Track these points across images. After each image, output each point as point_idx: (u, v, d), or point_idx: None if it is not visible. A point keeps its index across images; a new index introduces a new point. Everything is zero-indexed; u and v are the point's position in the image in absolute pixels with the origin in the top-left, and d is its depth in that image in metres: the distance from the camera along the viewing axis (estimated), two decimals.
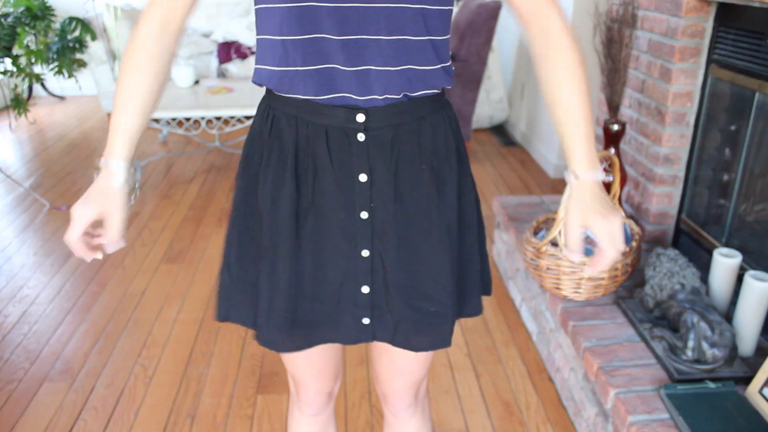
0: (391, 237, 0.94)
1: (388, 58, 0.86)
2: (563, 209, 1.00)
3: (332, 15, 0.83)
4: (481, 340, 2.19)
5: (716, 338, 1.50)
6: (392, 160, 0.91)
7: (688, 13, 1.96)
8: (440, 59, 0.91)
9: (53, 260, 2.76)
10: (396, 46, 0.85)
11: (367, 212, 0.92)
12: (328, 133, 0.89)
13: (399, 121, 0.90)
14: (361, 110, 0.88)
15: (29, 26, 4.44)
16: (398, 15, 0.84)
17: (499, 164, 3.87)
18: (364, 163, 0.90)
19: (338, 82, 0.87)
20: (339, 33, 0.84)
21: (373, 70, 0.86)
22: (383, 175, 0.91)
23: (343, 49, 0.84)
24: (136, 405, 1.90)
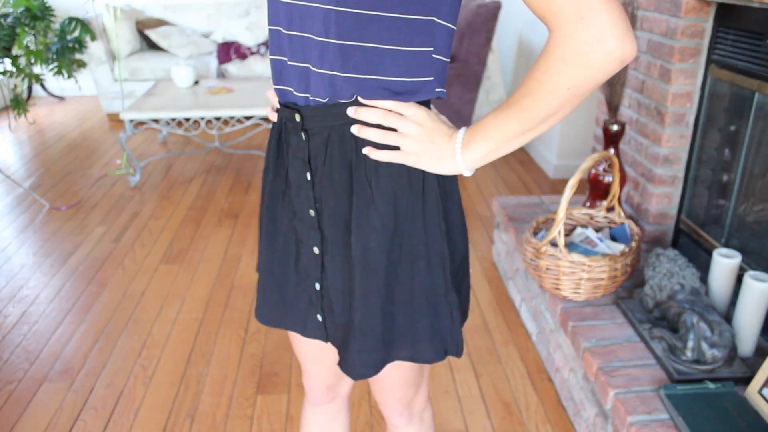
0: (335, 240, 0.92)
1: (323, 60, 0.83)
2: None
3: (284, 10, 0.85)
4: (480, 341, 2.19)
5: (716, 338, 1.50)
6: (327, 162, 0.89)
7: (687, 14, 1.96)
8: (383, 71, 0.83)
9: (53, 260, 2.76)
10: (316, 48, 0.83)
11: (314, 211, 0.93)
12: (287, 130, 0.93)
13: (331, 123, 0.87)
14: (299, 110, 0.89)
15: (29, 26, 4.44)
16: (332, 17, 0.79)
17: (499, 165, 3.87)
18: (305, 161, 0.92)
19: (284, 75, 0.90)
20: (287, 28, 0.86)
21: (312, 70, 0.85)
22: (323, 176, 0.90)
23: (289, 44, 0.87)
24: (135, 405, 1.90)
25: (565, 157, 3.60)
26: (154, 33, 4.97)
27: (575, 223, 2.13)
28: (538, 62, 0.78)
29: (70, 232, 3.04)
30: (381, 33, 0.80)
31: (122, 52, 4.84)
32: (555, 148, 3.61)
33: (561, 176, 3.63)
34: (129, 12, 4.98)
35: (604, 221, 2.10)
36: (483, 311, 2.36)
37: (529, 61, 4.07)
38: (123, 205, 3.33)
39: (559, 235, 1.75)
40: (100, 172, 3.83)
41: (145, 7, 5.19)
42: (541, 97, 0.78)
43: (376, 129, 0.85)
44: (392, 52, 0.82)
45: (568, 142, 3.56)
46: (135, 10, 5.09)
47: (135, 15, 5.06)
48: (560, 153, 3.59)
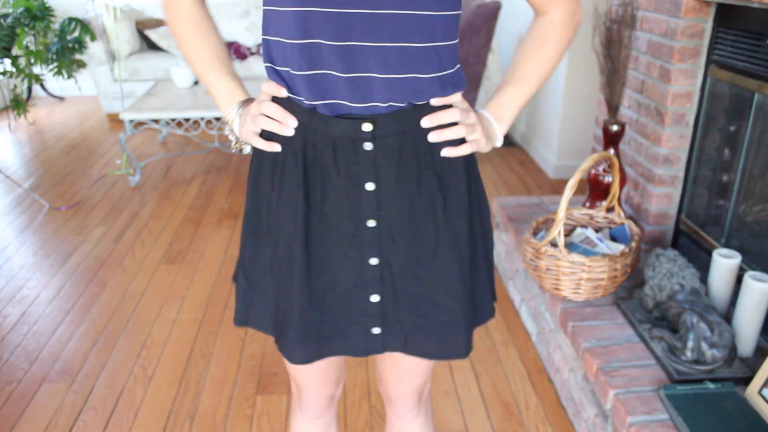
0: (399, 245, 0.93)
1: (392, 66, 0.85)
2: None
3: (332, 21, 0.82)
4: (480, 341, 2.19)
5: (716, 339, 1.50)
6: (399, 168, 0.90)
7: (687, 14, 1.96)
8: (445, 66, 0.90)
9: (53, 261, 2.76)
10: (399, 54, 0.85)
11: (374, 221, 0.92)
12: (336, 144, 0.89)
13: (404, 128, 0.89)
14: (367, 119, 0.87)
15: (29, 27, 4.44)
16: (403, 21, 0.82)
17: (499, 165, 3.87)
18: (371, 172, 0.90)
19: (332, 89, 0.87)
20: (336, 39, 0.83)
21: (376, 78, 0.86)
22: (390, 183, 0.90)
23: (338, 55, 0.84)
24: (135, 405, 1.90)
25: (564, 157, 3.60)
26: (154, 33, 4.97)
27: (575, 223, 2.13)
28: (542, 42, 0.97)
29: (70, 232, 3.04)
30: (444, 31, 0.87)
31: (122, 53, 4.84)
32: (555, 149, 3.61)
33: (561, 176, 3.63)
34: (129, 12, 4.97)
35: (604, 221, 2.10)
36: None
37: None
38: (123, 206, 3.33)
39: (558, 235, 1.75)
40: (100, 172, 3.83)
41: (145, 8, 5.19)
42: (546, 72, 0.98)
43: (451, 128, 0.91)
44: (450, 47, 0.90)
45: (567, 143, 3.56)
46: (135, 10, 5.09)
47: (135, 15, 5.06)
48: (560, 153, 3.59)
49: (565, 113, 3.49)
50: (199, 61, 1.00)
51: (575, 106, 3.48)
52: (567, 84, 3.42)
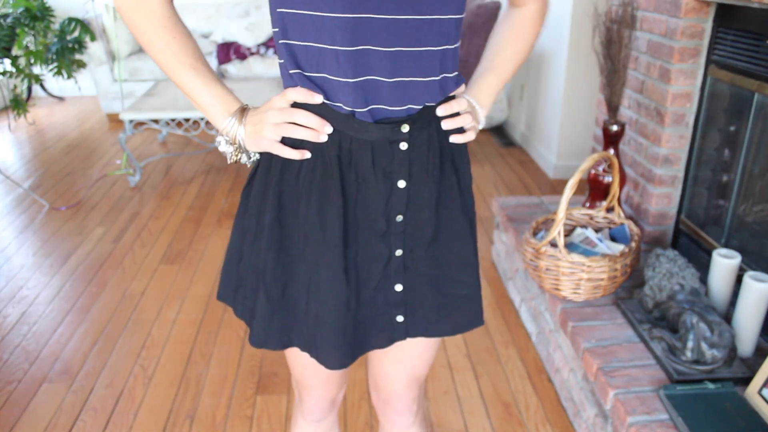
0: (425, 233, 0.97)
1: (431, 69, 0.88)
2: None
3: (385, 27, 0.83)
4: (480, 341, 2.19)
5: (715, 339, 1.50)
6: (427, 162, 0.93)
7: (687, 14, 1.96)
8: (456, 63, 0.96)
9: (52, 261, 2.76)
10: (437, 57, 0.88)
11: (402, 215, 0.94)
12: (374, 147, 0.90)
13: (430, 124, 0.93)
14: (405, 121, 0.89)
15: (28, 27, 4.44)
16: (442, 25, 0.86)
17: (499, 165, 3.87)
18: (405, 170, 0.92)
19: (378, 94, 0.87)
20: (387, 45, 0.84)
21: (417, 81, 0.89)
22: (420, 178, 0.93)
23: (387, 60, 0.85)
24: (135, 405, 1.90)
25: (564, 157, 3.60)
26: None
27: (575, 223, 2.13)
28: (517, 32, 1.03)
29: (70, 232, 3.04)
30: (459, 33, 0.93)
31: (122, 53, 4.84)
32: (555, 149, 3.61)
33: (561, 176, 3.63)
34: None
35: (604, 221, 2.10)
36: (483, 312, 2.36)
37: (529, 61, 4.07)
38: (123, 206, 3.33)
39: (558, 235, 1.75)
40: (100, 172, 3.83)
41: None
42: (520, 61, 1.05)
43: (460, 116, 0.96)
44: (458, 46, 0.96)
45: (567, 143, 3.56)
46: None
47: None
48: (560, 153, 3.59)
49: (565, 113, 3.49)
50: (179, 67, 0.91)
51: (575, 107, 3.48)
52: (567, 84, 3.42)
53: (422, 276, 0.99)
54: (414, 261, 0.98)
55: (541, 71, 3.81)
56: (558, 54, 3.51)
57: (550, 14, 3.63)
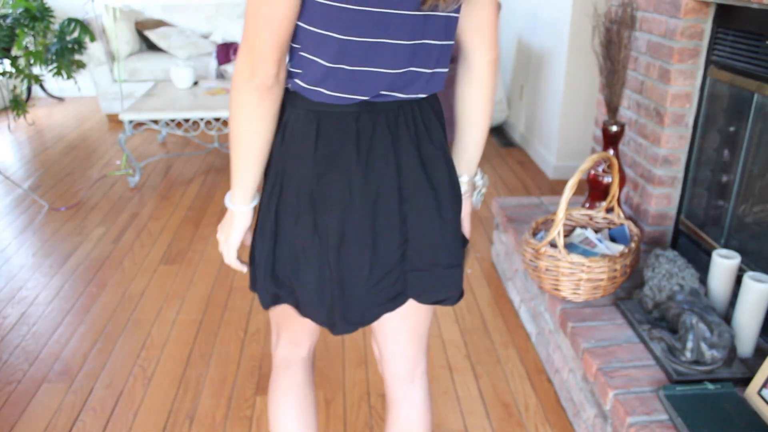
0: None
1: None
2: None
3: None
4: (480, 342, 2.19)
5: (715, 339, 1.50)
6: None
7: (687, 15, 1.96)
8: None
9: (52, 261, 2.76)
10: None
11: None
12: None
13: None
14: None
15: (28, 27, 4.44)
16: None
17: (498, 165, 3.87)
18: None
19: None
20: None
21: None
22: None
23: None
24: (135, 406, 1.90)
25: (564, 157, 3.60)
26: (154, 34, 4.97)
27: (574, 223, 2.13)
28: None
29: (70, 232, 3.04)
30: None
31: (121, 53, 4.84)
32: (554, 149, 3.61)
33: (560, 177, 3.63)
34: (128, 13, 4.97)
35: (604, 222, 2.10)
36: (482, 312, 2.36)
37: (528, 62, 4.07)
38: (122, 206, 3.33)
39: (558, 235, 1.75)
40: (100, 172, 3.83)
41: (145, 8, 5.20)
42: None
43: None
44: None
45: (567, 143, 3.56)
46: (134, 11, 5.09)
47: (134, 16, 5.06)
48: (559, 154, 3.59)
49: (565, 114, 3.49)
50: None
51: (575, 107, 3.48)
52: (566, 84, 3.43)
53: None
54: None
55: (541, 71, 3.82)
56: (558, 54, 3.51)
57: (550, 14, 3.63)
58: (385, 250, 1.04)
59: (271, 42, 0.89)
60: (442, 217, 1.06)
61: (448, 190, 1.07)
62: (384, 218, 1.02)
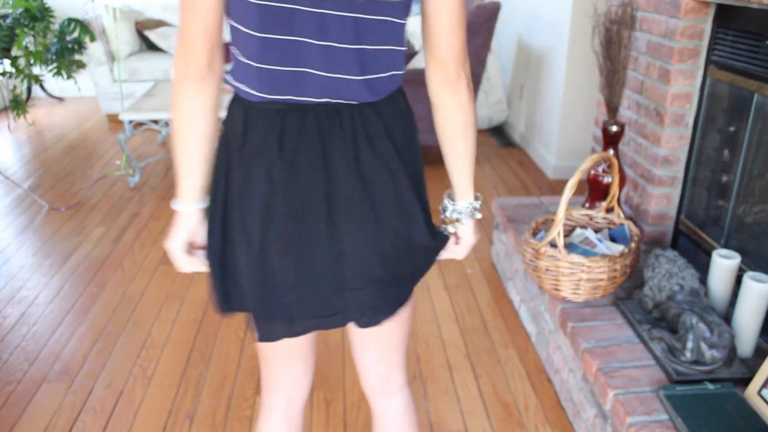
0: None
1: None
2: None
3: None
4: (480, 342, 2.19)
5: (715, 339, 1.50)
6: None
7: (687, 15, 1.96)
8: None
9: (52, 261, 2.76)
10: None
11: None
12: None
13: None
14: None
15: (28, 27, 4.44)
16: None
17: (498, 165, 3.87)
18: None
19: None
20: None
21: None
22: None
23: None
24: (135, 406, 1.90)
25: (564, 157, 3.60)
26: (154, 34, 4.97)
27: (574, 223, 2.13)
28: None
29: (70, 232, 3.04)
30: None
31: (121, 53, 4.84)
32: (554, 149, 3.61)
33: (560, 177, 3.63)
34: (128, 13, 4.97)
35: (604, 222, 2.10)
36: (482, 312, 2.36)
37: (528, 62, 4.08)
38: (122, 206, 3.33)
39: (558, 235, 1.75)
40: (100, 172, 3.83)
41: (145, 8, 5.19)
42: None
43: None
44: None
45: (567, 143, 3.56)
46: (134, 11, 5.09)
47: (134, 16, 5.06)
48: (559, 154, 3.59)
49: (565, 114, 3.49)
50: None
51: (575, 107, 3.48)
52: (566, 85, 3.43)
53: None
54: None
55: (541, 72, 3.82)
56: (557, 54, 3.51)
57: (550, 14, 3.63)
58: (316, 259, 0.99)
59: (199, 31, 0.89)
60: (380, 230, 0.99)
61: (393, 204, 1.00)
62: (310, 224, 0.97)
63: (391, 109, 1.01)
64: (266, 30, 0.90)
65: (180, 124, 0.95)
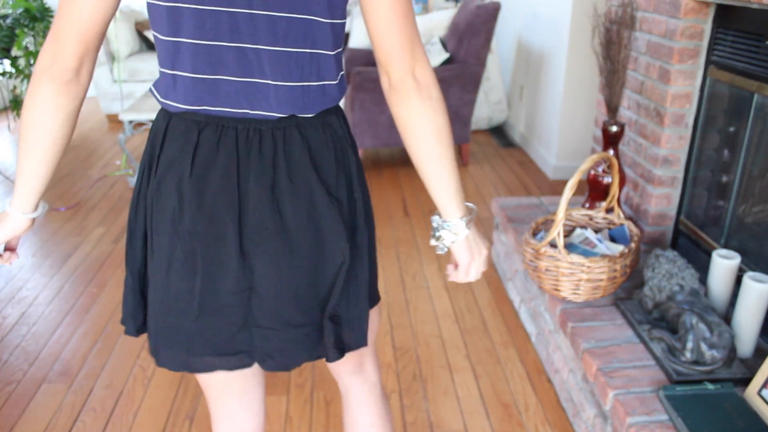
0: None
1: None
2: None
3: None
4: (480, 342, 2.19)
5: (715, 339, 1.50)
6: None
7: (686, 15, 1.96)
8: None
9: (52, 261, 2.76)
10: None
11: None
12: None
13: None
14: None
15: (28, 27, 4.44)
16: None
17: (498, 165, 3.87)
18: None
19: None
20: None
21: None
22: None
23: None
24: (135, 406, 1.90)
25: (564, 158, 3.60)
26: None
27: (574, 224, 2.13)
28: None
29: (70, 233, 3.04)
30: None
31: (121, 53, 4.84)
32: (554, 149, 3.61)
33: (560, 177, 3.63)
34: (128, 13, 4.98)
35: (604, 222, 2.10)
36: (482, 312, 2.36)
37: (528, 62, 4.08)
38: (122, 206, 3.33)
39: (558, 236, 1.75)
40: (100, 173, 3.83)
41: (144, 9, 5.19)
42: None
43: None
44: None
45: (567, 143, 3.56)
46: (134, 11, 5.09)
47: (134, 16, 5.06)
48: (559, 154, 3.60)
49: (565, 114, 3.49)
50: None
51: (575, 107, 3.48)
52: (566, 85, 3.43)
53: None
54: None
55: (541, 72, 3.82)
56: (557, 54, 3.51)
57: (550, 14, 3.64)
58: (222, 290, 0.91)
59: (74, 33, 0.82)
60: (294, 265, 0.91)
61: (309, 236, 0.90)
62: (217, 250, 0.89)
63: (321, 135, 0.91)
64: (176, 34, 0.83)
65: (31, 122, 0.88)
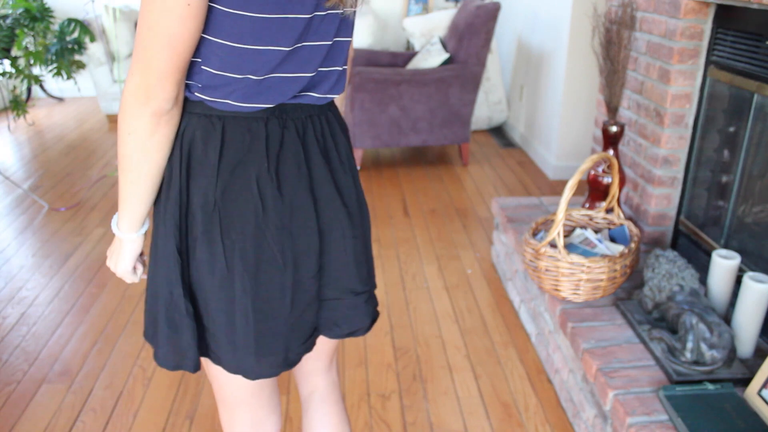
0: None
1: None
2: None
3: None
4: (479, 342, 2.19)
5: (715, 340, 1.50)
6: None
7: (686, 15, 1.96)
8: None
9: (52, 261, 2.76)
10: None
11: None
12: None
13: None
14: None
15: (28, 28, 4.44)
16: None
17: (498, 165, 3.87)
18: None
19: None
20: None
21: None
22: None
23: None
24: (134, 406, 1.90)
25: (564, 158, 3.60)
26: None
27: (574, 224, 2.13)
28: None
29: (70, 233, 3.03)
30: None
31: (121, 54, 4.84)
32: (554, 150, 3.61)
33: (560, 177, 3.63)
34: (128, 13, 4.97)
35: (604, 222, 2.10)
36: (482, 312, 2.36)
37: (528, 62, 4.08)
38: None
39: (558, 236, 1.75)
40: (100, 173, 3.83)
41: None
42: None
43: None
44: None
45: (567, 144, 3.56)
46: (134, 11, 5.09)
47: (134, 16, 5.06)
48: (559, 154, 3.60)
49: (565, 114, 3.49)
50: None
51: (574, 107, 3.48)
52: (566, 85, 3.43)
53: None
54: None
55: (541, 72, 3.82)
56: (557, 55, 3.51)
57: (549, 15, 3.63)
58: (306, 275, 0.93)
59: (171, 62, 0.77)
60: (354, 236, 0.98)
61: (356, 209, 0.99)
62: (303, 237, 0.91)
63: (338, 116, 1.00)
64: (262, 42, 0.83)
65: (135, 158, 0.84)
